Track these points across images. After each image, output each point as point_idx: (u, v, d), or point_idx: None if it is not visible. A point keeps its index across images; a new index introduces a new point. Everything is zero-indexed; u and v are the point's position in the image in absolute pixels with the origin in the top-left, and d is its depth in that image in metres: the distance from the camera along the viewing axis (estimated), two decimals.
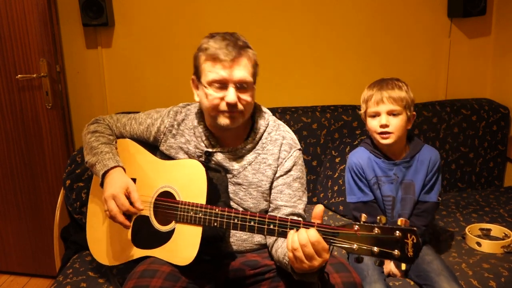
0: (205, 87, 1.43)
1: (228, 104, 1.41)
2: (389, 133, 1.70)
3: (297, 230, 1.21)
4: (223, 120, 1.44)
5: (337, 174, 2.32)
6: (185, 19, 2.53)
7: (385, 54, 2.63)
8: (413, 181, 1.77)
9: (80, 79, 2.59)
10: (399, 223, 1.10)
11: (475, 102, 2.59)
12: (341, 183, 2.28)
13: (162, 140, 1.60)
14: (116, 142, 1.65)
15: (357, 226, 1.13)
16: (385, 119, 1.69)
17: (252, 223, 1.29)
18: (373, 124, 1.73)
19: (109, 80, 2.59)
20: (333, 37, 2.59)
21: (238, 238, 1.54)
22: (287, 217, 1.42)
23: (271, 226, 1.26)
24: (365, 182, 1.79)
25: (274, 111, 1.69)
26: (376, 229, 1.11)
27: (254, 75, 1.47)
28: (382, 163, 1.77)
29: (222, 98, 1.42)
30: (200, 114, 1.58)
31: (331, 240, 1.16)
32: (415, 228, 1.09)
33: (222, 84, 1.41)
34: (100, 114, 1.69)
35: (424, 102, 2.57)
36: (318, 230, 1.17)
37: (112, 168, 1.50)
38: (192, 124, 1.58)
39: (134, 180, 1.53)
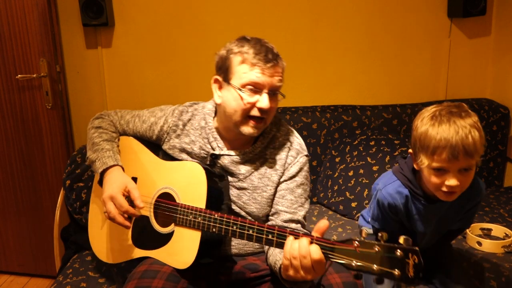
0: (239, 89, 1.39)
1: (260, 110, 1.39)
2: (455, 191, 1.37)
3: (295, 238, 1.17)
4: (247, 129, 1.42)
5: (337, 173, 2.32)
6: (185, 19, 2.53)
7: (385, 54, 2.63)
8: (447, 217, 1.54)
9: (80, 79, 2.59)
10: (401, 241, 1.06)
11: (475, 102, 2.59)
12: (341, 182, 2.28)
13: (165, 140, 1.57)
14: (118, 140, 1.62)
15: (357, 242, 1.09)
16: (456, 179, 1.33)
17: (250, 232, 1.26)
18: (436, 181, 1.36)
19: (109, 80, 2.59)
20: (333, 37, 2.59)
21: (239, 242, 1.52)
22: (285, 227, 1.40)
23: (270, 236, 1.23)
24: (397, 218, 1.54)
25: None
26: (377, 246, 1.06)
27: None
28: (420, 206, 1.48)
29: (253, 104, 1.39)
30: (210, 115, 1.54)
31: (329, 255, 1.12)
32: (417, 248, 1.04)
33: (256, 89, 1.38)
34: None
35: (424, 102, 2.57)
36: (316, 243, 1.13)
37: (110, 166, 1.48)
38: (199, 125, 1.54)
39: (135, 179, 1.53)
